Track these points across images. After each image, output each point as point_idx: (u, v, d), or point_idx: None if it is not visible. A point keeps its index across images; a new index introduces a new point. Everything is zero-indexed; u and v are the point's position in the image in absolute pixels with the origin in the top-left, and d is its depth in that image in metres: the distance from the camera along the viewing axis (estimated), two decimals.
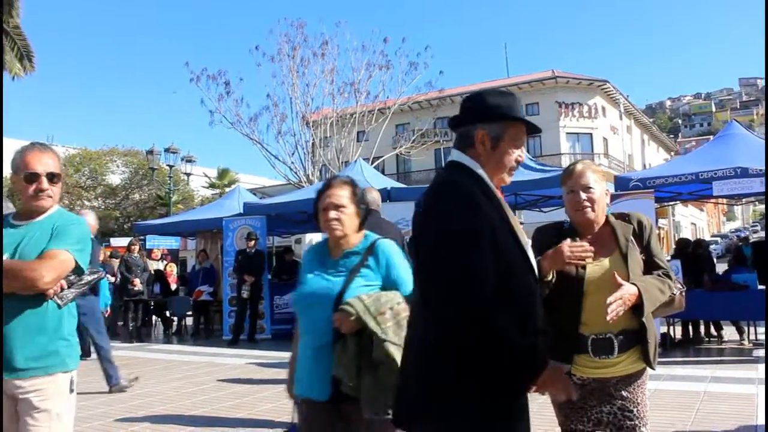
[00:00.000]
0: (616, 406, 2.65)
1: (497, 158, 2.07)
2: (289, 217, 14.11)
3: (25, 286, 2.62)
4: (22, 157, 2.82)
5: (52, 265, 2.68)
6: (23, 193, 2.81)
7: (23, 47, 13.18)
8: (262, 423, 5.79)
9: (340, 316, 2.56)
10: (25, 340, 2.66)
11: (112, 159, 37.45)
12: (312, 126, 27.50)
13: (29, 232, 2.80)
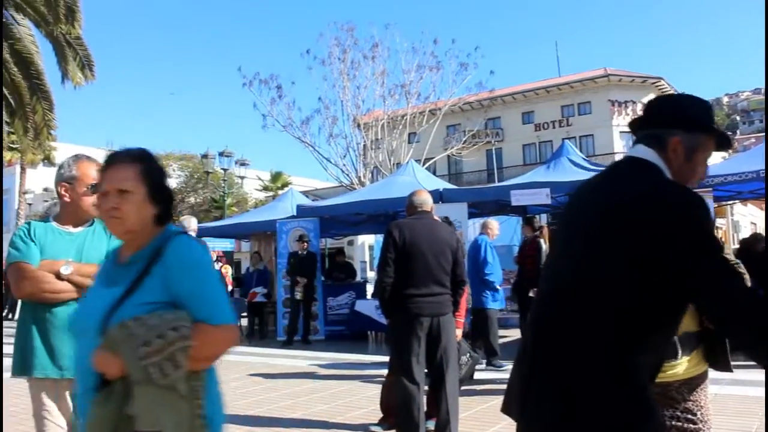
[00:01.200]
0: (679, 409, 2.59)
1: (689, 169, 1.90)
2: (341, 219, 14.18)
3: None
4: (82, 169, 2.91)
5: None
6: (82, 203, 2.90)
7: (84, 57, 13.58)
8: (317, 423, 5.81)
9: (101, 351, 1.83)
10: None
11: (168, 163, 38.18)
12: (363, 128, 27.61)
13: (87, 237, 2.92)
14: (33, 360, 2.77)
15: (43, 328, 2.78)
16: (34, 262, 2.79)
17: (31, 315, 2.83)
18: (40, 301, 2.78)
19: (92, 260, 2.81)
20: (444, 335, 4.61)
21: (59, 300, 2.76)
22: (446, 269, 4.70)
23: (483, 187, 14.33)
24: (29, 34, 13.54)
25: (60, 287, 2.76)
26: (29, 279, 2.76)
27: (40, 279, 2.75)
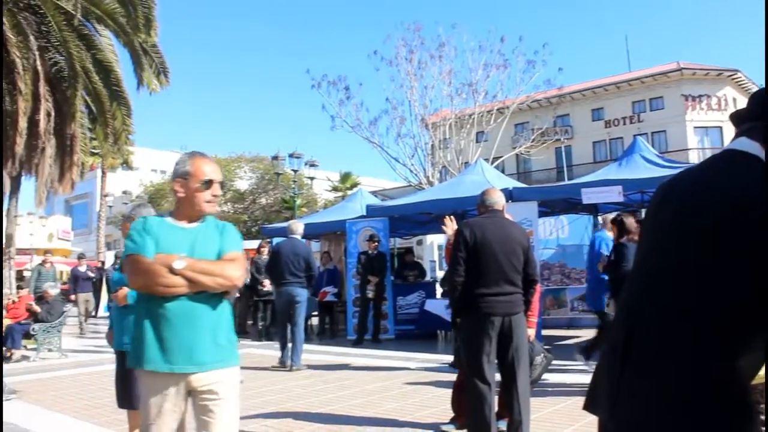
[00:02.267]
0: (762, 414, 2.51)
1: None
2: (410, 219, 14.22)
3: (223, 284, 2.85)
4: (196, 165, 2.97)
5: (240, 265, 2.94)
6: (195, 199, 2.95)
7: (160, 64, 14.03)
8: (388, 422, 5.86)
9: None
10: (210, 337, 2.84)
11: (239, 165, 39.10)
12: (431, 128, 27.59)
13: (199, 233, 2.97)
14: (144, 353, 2.81)
15: (155, 321, 2.81)
16: (148, 255, 2.82)
17: (144, 307, 2.88)
18: (153, 294, 2.81)
19: (204, 256, 2.88)
20: (515, 335, 4.59)
21: (171, 294, 2.79)
22: (518, 268, 4.67)
23: (553, 185, 14.15)
24: (109, 43, 14.09)
25: (173, 281, 2.77)
26: (143, 272, 2.80)
27: (154, 272, 2.78)
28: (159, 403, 2.80)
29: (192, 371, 2.80)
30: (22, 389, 8.13)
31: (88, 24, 13.51)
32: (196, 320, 2.82)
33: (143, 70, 13.80)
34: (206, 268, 2.83)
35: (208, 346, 2.82)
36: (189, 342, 2.79)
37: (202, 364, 2.81)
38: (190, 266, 2.80)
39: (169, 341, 2.79)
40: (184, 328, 2.79)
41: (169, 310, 2.80)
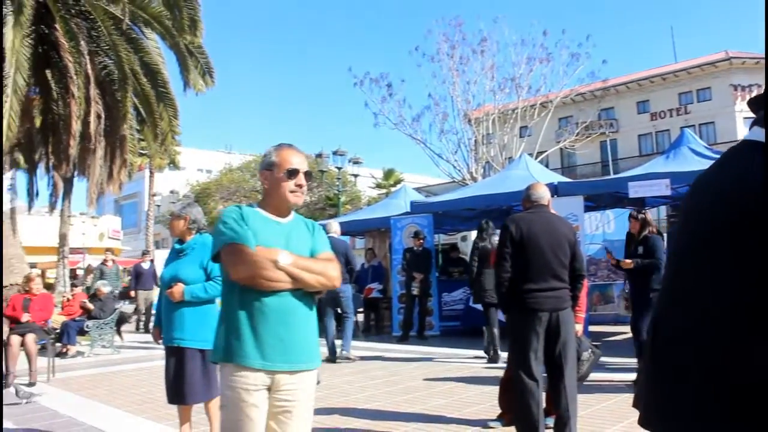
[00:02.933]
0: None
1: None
2: (455, 215, 14.19)
3: (324, 284, 2.82)
4: (281, 155, 2.89)
5: (337, 266, 2.91)
6: (279, 189, 2.86)
7: (205, 65, 14.23)
8: (435, 418, 5.87)
9: None
10: (302, 336, 2.79)
11: None
12: (474, 123, 27.46)
13: (293, 229, 2.91)
14: (237, 347, 2.70)
15: (251, 315, 2.71)
16: (251, 246, 2.71)
17: (238, 300, 2.74)
18: (254, 286, 2.69)
19: (299, 253, 2.80)
20: (563, 330, 4.55)
21: (274, 288, 2.69)
22: (564, 263, 4.63)
23: (599, 179, 13.92)
24: (156, 46, 14.35)
25: (277, 276, 2.69)
26: (249, 262, 2.69)
27: (259, 264, 2.68)
28: (248, 400, 2.70)
29: (283, 369, 2.73)
30: (77, 384, 8.37)
31: (135, 28, 13.78)
32: (292, 318, 2.75)
33: (189, 71, 14.01)
34: (310, 266, 2.79)
35: (300, 345, 2.77)
36: (283, 339, 2.72)
37: (293, 363, 2.75)
38: (294, 262, 2.73)
39: (264, 337, 2.70)
40: (279, 325, 2.71)
41: (266, 305, 2.72)
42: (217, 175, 46.08)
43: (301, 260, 2.77)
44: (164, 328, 4.80)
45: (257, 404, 2.70)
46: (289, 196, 2.87)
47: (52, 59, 12.57)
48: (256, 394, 2.70)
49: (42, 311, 9.13)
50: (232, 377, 2.72)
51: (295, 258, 2.74)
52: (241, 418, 2.71)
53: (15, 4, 10.64)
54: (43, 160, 14.83)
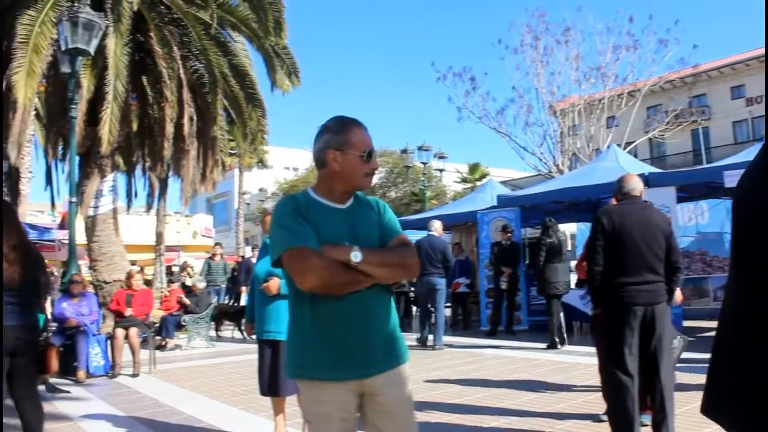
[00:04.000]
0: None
1: None
2: (542, 208, 14.01)
3: (402, 275, 2.55)
4: (356, 134, 2.53)
5: (414, 250, 2.56)
6: (354, 171, 2.50)
7: (291, 65, 14.54)
8: (525, 413, 5.85)
9: None
10: (385, 334, 2.50)
11: None
12: (559, 115, 26.98)
13: (356, 213, 2.56)
14: (315, 361, 2.41)
15: (326, 323, 2.40)
16: (314, 246, 2.35)
17: (309, 308, 2.42)
18: (326, 293, 2.36)
19: (368, 242, 2.44)
20: (658, 325, 4.43)
21: (348, 291, 2.38)
22: (660, 256, 4.50)
23: (692, 169, 13.45)
24: (243, 49, 14.73)
25: (352, 278, 2.36)
26: (315, 269, 2.31)
27: (331, 270, 2.32)
28: (336, 414, 2.43)
29: (369, 374, 2.43)
30: (176, 375, 8.75)
31: (223, 32, 14.19)
32: (372, 317, 2.45)
33: (275, 72, 14.33)
34: (385, 259, 2.44)
35: (384, 344, 2.48)
36: (365, 343, 2.43)
37: (380, 365, 2.45)
38: (366, 259, 2.35)
39: (343, 344, 2.39)
40: (359, 328, 2.41)
41: (342, 310, 2.39)
42: (304, 173, 46.97)
43: (374, 254, 2.41)
44: (258, 322, 4.96)
45: (347, 417, 2.45)
46: (365, 180, 2.55)
47: (147, 66, 13.11)
48: (343, 407, 2.43)
49: (143, 306, 9.58)
50: (314, 394, 2.46)
51: (368, 253, 2.38)
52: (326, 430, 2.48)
53: (114, 15, 11.17)
54: (140, 162, 15.49)
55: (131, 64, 11.96)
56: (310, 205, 2.50)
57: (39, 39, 10.81)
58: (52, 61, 11.44)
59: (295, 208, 2.47)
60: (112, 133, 11.41)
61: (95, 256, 12.59)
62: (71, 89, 10.50)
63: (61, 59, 10.86)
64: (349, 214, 2.53)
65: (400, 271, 2.51)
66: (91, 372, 8.77)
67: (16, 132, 11.69)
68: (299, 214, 2.44)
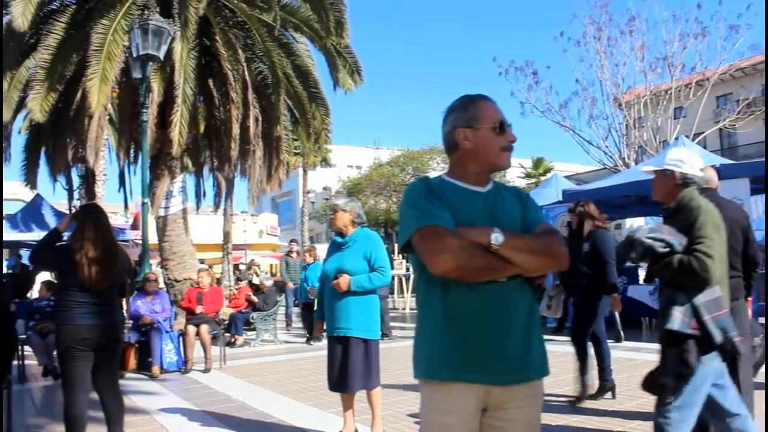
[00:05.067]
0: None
1: None
2: (608, 202, 13.78)
3: (548, 266, 2.21)
4: (484, 107, 2.30)
5: (563, 241, 2.23)
6: (489, 147, 2.26)
7: (353, 64, 14.66)
8: (591, 411, 5.79)
9: None
10: (524, 338, 2.18)
11: (432, 156, 39.84)
12: (625, 107, 26.36)
13: (497, 198, 2.29)
14: (441, 358, 2.14)
15: (459, 315, 2.13)
16: (450, 227, 2.10)
17: (441, 297, 2.15)
18: (461, 279, 2.09)
19: (509, 228, 2.16)
20: (737, 322, 4.31)
21: (487, 278, 2.11)
22: (737, 250, 4.33)
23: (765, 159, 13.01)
24: (306, 49, 14.94)
25: (491, 263, 2.09)
26: (450, 249, 2.05)
27: (466, 250, 2.06)
28: (456, 422, 2.14)
29: (500, 382, 2.13)
30: (246, 371, 8.96)
31: (286, 33, 14.41)
32: (509, 314, 2.14)
33: (338, 71, 14.48)
34: (530, 244, 2.16)
35: (521, 349, 2.15)
36: (498, 342, 2.12)
37: (514, 374, 2.14)
38: (508, 242, 2.09)
39: (474, 341, 2.11)
40: (493, 324, 2.12)
41: (476, 301, 2.12)
42: (367, 171, 47.21)
43: (518, 238, 2.13)
44: (328, 318, 5.05)
45: (469, 428, 2.16)
46: (502, 156, 2.28)
47: (213, 69, 13.43)
48: (466, 418, 2.14)
49: (213, 304, 9.84)
50: (435, 399, 2.17)
51: (509, 236, 2.11)
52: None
53: (181, 21, 11.48)
54: (207, 163, 15.86)
55: (198, 67, 12.27)
56: (444, 188, 2.26)
57: (112, 47, 11.19)
58: (124, 68, 11.83)
59: (428, 188, 2.25)
60: (181, 135, 11.74)
61: (166, 255, 12.97)
62: (142, 94, 10.88)
63: (133, 65, 11.24)
64: (489, 197, 2.27)
65: (547, 260, 2.17)
66: (165, 367, 9.07)
67: (93, 137, 12.17)
68: (433, 195, 2.21)
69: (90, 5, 12.17)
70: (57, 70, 11.57)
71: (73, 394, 4.61)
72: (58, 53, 11.58)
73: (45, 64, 11.44)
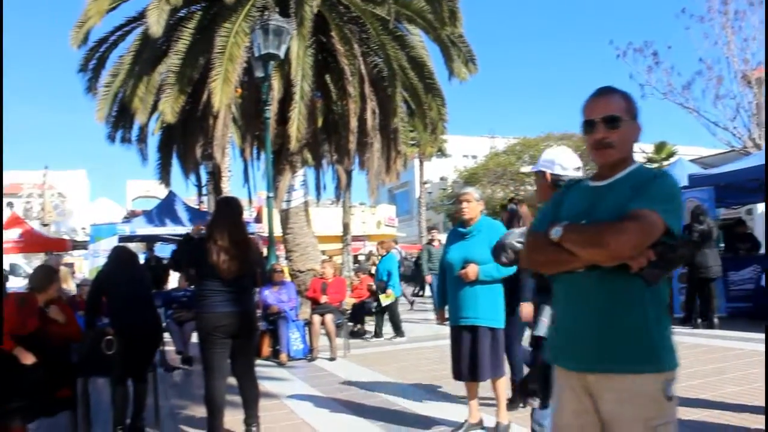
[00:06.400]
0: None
1: None
2: (739, 186, 13.09)
3: (600, 254, 2.14)
4: (584, 106, 2.38)
5: (633, 227, 2.08)
6: (587, 146, 2.39)
7: (467, 53, 14.58)
8: (728, 406, 5.56)
9: None
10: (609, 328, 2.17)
11: (549, 144, 39.01)
12: (754, 84, 24.77)
13: (608, 190, 2.30)
14: (550, 342, 2.44)
15: (556, 306, 2.40)
16: (541, 227, 2.36)
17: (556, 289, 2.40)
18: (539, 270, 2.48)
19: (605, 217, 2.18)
20: None
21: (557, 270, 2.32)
22: None
23: None
24: (420, 41, 14.98)
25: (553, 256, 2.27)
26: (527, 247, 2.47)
27: (531, 246, 2.41)
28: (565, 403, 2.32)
29: (579, 369, 2.25)
30: (370, 360, 9.17)
31: (400, 26, 14.50)
32: (584, 304, 2.23)
33: (452, 61, 14.42)
34: (582, 235, 2.19)
35: (600, 339, 2.18)
36: (574, 331, 2.25)
37: (592, 363, 2.20)
38: (566, 235, 2.20)
39: (560, 329, 2.34)
40: (571, 313, 2.28)
41: (561, 291, 2.33)
42: (483, 160, 46.83)
43: (576, 231, 2.20)
44: (452, 308, 5.09)
45: (579, 411, 2.26)
46: (593, 154, 2.35)
47: (329, 64, 13.72)
48: (574, 398, 2.27)
49: (337, 294, 10.12)
50: (556, 377, 2.38)
51: (568, 229, 2.21)
52: (560, 425, 2.36)
53: (297, 19, 11.80)
54: (326, 157, 16.25)
55: (315, 64, 12.57)
56: (573, 187, 2.51)
57: (233, 49, 11.65)
58: (245, 68, 12.29)
59: (558, 194, 2.55)
60: (300, 131, 12.09)
61: (289, 247, 13.41)
62: (264, 92, 11.28)
63: (255, 65, 11.66)
64: (601, 192, 2.31)
65: (596, 250, 2.13)
66: (292, 355, 9.42)
67: (219, 135, 12.75)
68: (556, 200, 2.48)
69: (214, 10, 12.71)
70: (185, 74, 12.18)
71: (211, 379, 4.90)
72: (186, 57, 12.18)
73: (175, 68, 12.07)
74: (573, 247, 2.18)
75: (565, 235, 2.20)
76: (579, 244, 2.17)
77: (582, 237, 2.18)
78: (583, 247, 2.16)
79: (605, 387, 2.17)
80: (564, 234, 2.20)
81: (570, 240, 2.19)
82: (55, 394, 5.41)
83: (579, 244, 2.17)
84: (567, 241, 2.19)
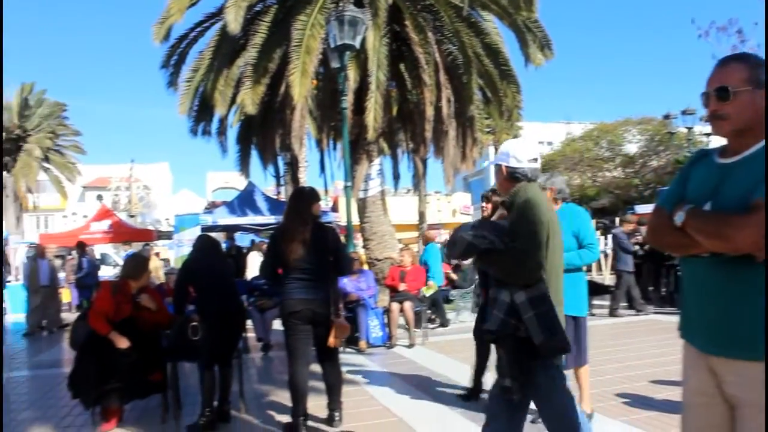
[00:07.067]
0: None
1: None
2: None
3: (722, 246, 2.09)
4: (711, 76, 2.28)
5: (757, 221, 1.99)
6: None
7: (542, 38, 14.29)
8: None
9: None
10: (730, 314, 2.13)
11: (627, 129, 38.03)
12: None
13: (736, 169, 2.19)
14: (681, 320, 2.41)
15: (684, 284, 2.37)
16: (668, 206, 2.33)
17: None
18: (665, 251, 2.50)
19: (725, 202, 2.14)
20: None
21: (683, 253, 2.31)
22: None
23: None
24: (494, 27, 14.79)
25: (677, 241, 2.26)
26: (650, 226, 2.46)
27: (655, 228, 2.41)
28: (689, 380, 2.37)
29: (704, 350, 2.24)
30: (447, 347, 9.19)
31: (473, 12, 14.35)
32: (704, 288, 2.22)
33: (527, 46, 14.18)
34: (703, 225, 2.15)
35: (721, 324, 2.16)
36: (695, 313, 2.28)
37: (714, 347, 2.19)
38: (687, 222, 2.19)
39: (686, 308, 2.35)
40: (694, 296, 2.28)
41: (687, 273, 2.34)
42: (559, 147, 45.98)
43: (696, 218, 2.17)
44: None
45: (702, 391, 2.27)
46: (712, 124, 2.28)
47: (404, 53, 13.72)
48: (697, 376, 2.29)
49: (415, 281, 10.17)
50: (683, 349, 2.40)
51: (690, 216, 2.18)
52: (686, 403, 2.38)
53: (372, 9, 11.87)
54: (401, 146, 16.30)
55: (389, 53, 12.61)
56: (701, 161, 2.40)
57: (310, 41, 11.81)
58: (321, 59, 12.44)
59: (689, 163, 2.46)
60: (376, 120, 12.16)
61: (367, 236, 13.54)
62: (341, 83, 11.41)
63: (331, 56, 11.80)
64: (727, 169, 2.23)
65: (717, 242, 2.08)
66: (371, 342, 9.54)
67: (297, 126, 12.96)
68: (684, 173, 2.42)
69: (289, 3, 12.90)
70: (263, 66, 12.43)
71: (294, 365, 5.03)
72: (263, 50, 12.42)
73: (252, 61, 12.32)
74: (695, 234, 2.16)
75: (687, 221, 2.18)
76: (701, 233, 2.14)
77: (704, 227, 2.14)
78: (705, 237, 2.13)
79: (728, 370, 2.15)
80: (686, 220, 2.19)
81: (692, 227, 2.17)
82: (148, 377, 5.67)
83: (701, 233, 2.14)
84: (689, 227, 2.18)
